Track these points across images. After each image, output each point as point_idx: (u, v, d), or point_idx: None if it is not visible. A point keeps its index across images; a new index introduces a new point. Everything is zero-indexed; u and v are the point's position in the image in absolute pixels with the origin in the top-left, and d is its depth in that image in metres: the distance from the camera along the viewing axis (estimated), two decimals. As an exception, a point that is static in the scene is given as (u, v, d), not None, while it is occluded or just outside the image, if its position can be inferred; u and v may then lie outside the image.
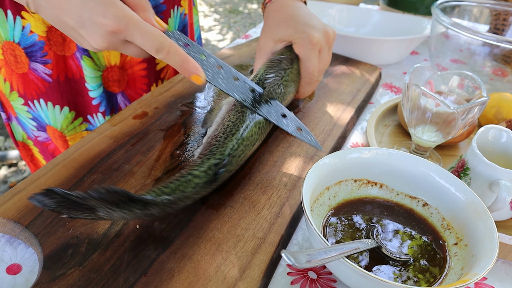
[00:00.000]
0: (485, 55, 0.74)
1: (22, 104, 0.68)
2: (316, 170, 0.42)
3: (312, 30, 0.56)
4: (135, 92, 0.72)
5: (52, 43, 0.61)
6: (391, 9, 1.11)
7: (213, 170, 0.43)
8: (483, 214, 0.40)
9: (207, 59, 0.48)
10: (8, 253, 0.41)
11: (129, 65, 0.68)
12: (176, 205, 0.40)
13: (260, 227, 0.43)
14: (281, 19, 0.59)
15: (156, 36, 0.41)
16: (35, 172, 0.48)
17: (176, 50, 0.43)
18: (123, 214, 0.37)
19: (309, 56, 0.56)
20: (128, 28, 0.40)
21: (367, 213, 0.45)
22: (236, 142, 0.46)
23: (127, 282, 0.36)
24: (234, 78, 0.49)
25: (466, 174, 0.48)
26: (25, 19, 0.59)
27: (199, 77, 0.44)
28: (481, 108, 0.51)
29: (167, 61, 0.43)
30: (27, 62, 0.63)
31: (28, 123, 0.70)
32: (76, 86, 0.66)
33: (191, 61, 0.44)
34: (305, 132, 0.49)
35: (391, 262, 0.40)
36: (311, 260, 0.32)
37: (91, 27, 0.40)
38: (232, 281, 0.38)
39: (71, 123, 0.69)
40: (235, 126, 0.48)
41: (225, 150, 0.45)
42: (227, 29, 3.48)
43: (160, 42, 0.41)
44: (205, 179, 0.42)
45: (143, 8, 0.43)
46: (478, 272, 0.34)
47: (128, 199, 0.36)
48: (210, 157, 0.44)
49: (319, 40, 0.56)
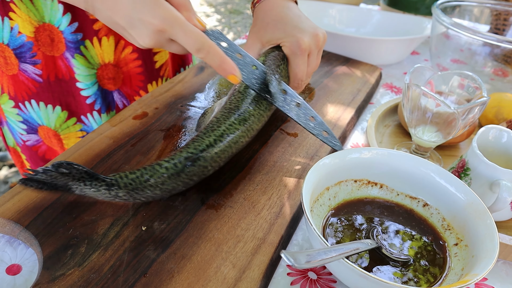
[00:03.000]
0: (486, 55, 0.74)
1: (12, 107, 0.67)
2: (316, 171, 0.42)
3: (302, 33, 0.56)
4: (131, 90, 0.71)
5: (41, 44, 0.61)
6: (392, 9, 1.11)
7: (182, 164, 0.43)
8: (483, 214, 0.40)
9: (243, 58, 0.50)
10: (8, 254, 0.41)
11: (124, 62, 0.68)
12: (142, 192, 0.41)
13: (260, 227, 0.43)
14: (270, 20, 0.58)
15: (198, 36, 0.43)
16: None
17: (215, 51, 0.44)
18: (95, 193, 0.40)
19: (298, 61, 0.56)
20: (173, 28, 0.43)
21: (367, 214, 0.45)
22: (214, 139, 0.45)
23: (126, 282, 0.36)
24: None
25: (466, 175, 0.48)
26: (13, 20, 0.58)
27: (235, 77, 0.46)
28: (481, 108, 0.50)
29: (206, 60, 0.45)
30: (17, 63, 0.62)
31: (17, 127, 0.70)
32: (67, 87, 0.66)
33: (228, 61, 0.45)
34: (331, 136, 0.51)
35: (391, 262, 0.40)
36: (310, 261, 0.32)
37: (140, 27, 0.43)
38: (232, 281, 0.38)
39: (64, 122, 0.69)
40: (218, 122, 0.47)
41: (199, 145, 0.44)
42: (228, 30, 3.48)
43: (201, 43, 0.43)
44: (173, 170, 0.42)
45: (186, 8, 0.46)
46: (479, 272, 0.34)
47: (90, 176, 0.39)
48: (182, 150, 0.44)
49: (308, 45, 0.56)
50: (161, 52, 0.72)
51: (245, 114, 0.49)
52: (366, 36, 0.81)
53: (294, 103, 0.51)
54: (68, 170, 0.38)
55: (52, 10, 0.59)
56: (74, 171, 0.39)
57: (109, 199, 0.41)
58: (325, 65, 0.79)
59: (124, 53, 0.67)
